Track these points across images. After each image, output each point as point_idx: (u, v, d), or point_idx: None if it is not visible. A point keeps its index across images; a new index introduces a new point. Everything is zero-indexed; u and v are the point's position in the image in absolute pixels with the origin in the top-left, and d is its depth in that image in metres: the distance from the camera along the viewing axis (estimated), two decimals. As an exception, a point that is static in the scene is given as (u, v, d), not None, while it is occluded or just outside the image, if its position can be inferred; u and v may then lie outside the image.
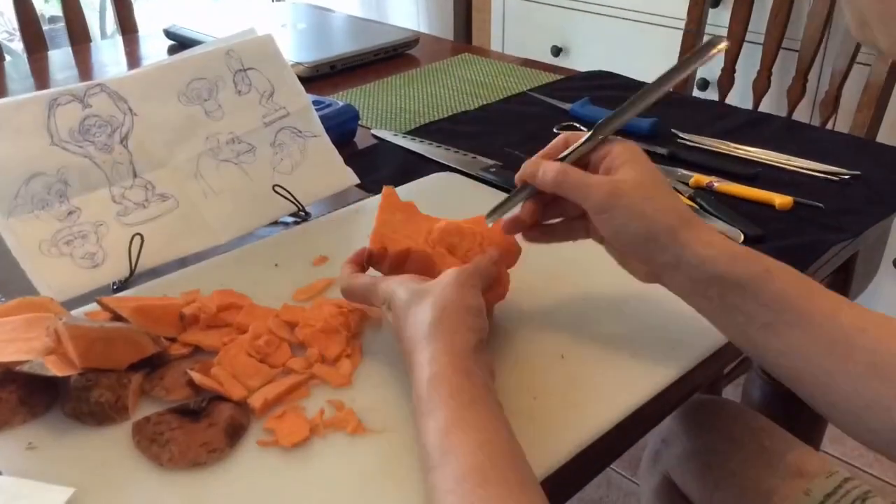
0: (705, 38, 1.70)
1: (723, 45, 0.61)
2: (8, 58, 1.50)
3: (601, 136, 0.61)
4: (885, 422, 0.51)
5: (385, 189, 0.67)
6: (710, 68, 1.77)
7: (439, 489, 0.46)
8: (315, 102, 0.91)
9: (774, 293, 0.55)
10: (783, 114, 1.56)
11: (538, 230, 0.66)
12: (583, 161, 0.62)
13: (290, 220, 0.84)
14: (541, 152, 0.63)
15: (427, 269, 0.62)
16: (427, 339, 0.53)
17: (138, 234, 0.72)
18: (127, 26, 1.64)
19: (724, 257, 0.56)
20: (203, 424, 0.54)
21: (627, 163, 0.59)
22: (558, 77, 1.30)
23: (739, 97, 1.65)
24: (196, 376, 0.57)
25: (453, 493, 0.45)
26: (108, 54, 1.55)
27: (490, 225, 0.64)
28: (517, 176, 0.63)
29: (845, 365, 0.52)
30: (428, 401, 0.50)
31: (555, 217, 0.65)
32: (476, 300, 0.57)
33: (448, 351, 0.52)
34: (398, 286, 0.58)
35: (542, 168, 0.61)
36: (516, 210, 0.64)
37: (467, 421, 0.49)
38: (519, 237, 0.66)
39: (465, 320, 0.54)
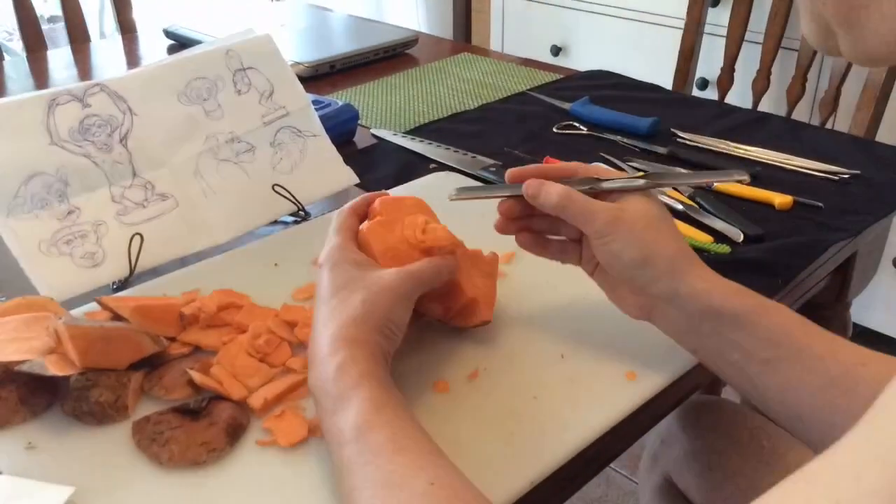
0: (704, 38, 1.70)
1: (745, 178, 0.63)
2: (7, 57, 1.50)
3: (619, 185, 0.60)
4: None
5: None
6: (710, 67, 1.77)
7: (357, 462, 0.46)
8: (315, 102, 0.91)
9: (771, 328, 0.54)
10: (783, 113, 1.56)
11: (531, 238, 0.64)
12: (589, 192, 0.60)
13: (290, 219, 0.84)
14: (542, 168, 0.62)
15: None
16: (342, 332, 0.53)
17: (138, 233, 0.72)
18: (126, 26, 1.64)
19: (719, 290, 0.56)
20: (203, 424, 0.54)
21: (636, 195, 0.59)
22: (558, 76, 1.30)
23: (739, 97, 1.65)
24: (196, 376, 0.57)
25: (371, 463, 0.46)
26: (108, 54, 1.55)
27: (450, 200, 0.62)
28: (510, 175, 0.62)
29: (848, 400, 0.51)
30: (336, 384, 0.50)
31: (550, 233, 0.64)
32: (404, 315, 0.56)
33: (361, 346, 0.52)
34: (338, 263, 0.57)
35: (546, 189, 0.59)
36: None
37: (378, 400, 0.49)
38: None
39: (384, 329, 0.54)
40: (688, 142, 1.03)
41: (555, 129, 1.07)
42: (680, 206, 0.85)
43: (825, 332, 0.55)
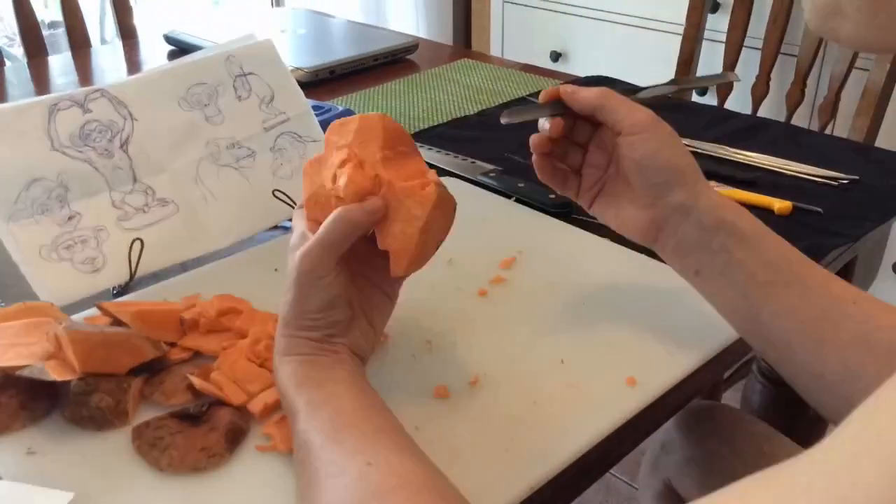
0: (704, 44, 1.70)
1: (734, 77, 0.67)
2: (8, 63, 1.50)
3: (652, 93, 0.64)
4: (866, 394, 0.51)
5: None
6: (709, 73, 1.77)
7: (304, 461, 0.47)
8: (315, 107, 0.92)
9: (776, 252, 0.57)
10: (782, 119, 1.57)
11: (549, 164, 0.65)
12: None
13: (290, 224, 0.84)
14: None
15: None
16: (277, 345, 0.55)
17: (138, 238, 0.73)
18: (127, 32, 1.65)
19: (731, 208, 0.58)
20: (203, 429, 0.54)
21: (649, 117, 0.61)
22: (558, 82, 1.30)
23: (738, 102, 1.65)
24: (196, 381, 0.57)
25: (318, 459, 0.47)
26: (108, 59, 1.55)
27: (504, 122, 0.61)
28: (545, 92, 0.63)
29: (836, 332, 0.53)
30: (286, 399, 0.52)
31: (571, 158, 0.66)
32: (322, 298, 0.51)
33: (291, 350, 0.53)
34: (291, 251, 0.55)
35: (584, 90, 0.61)
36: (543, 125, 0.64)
37: (315, 402, 0.50)
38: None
39: (304, 324, 0.53)
40: (687, 147, 1.03)
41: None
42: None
43: (820, 267, 0.57)
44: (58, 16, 1.63)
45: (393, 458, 0.46)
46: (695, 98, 1.82)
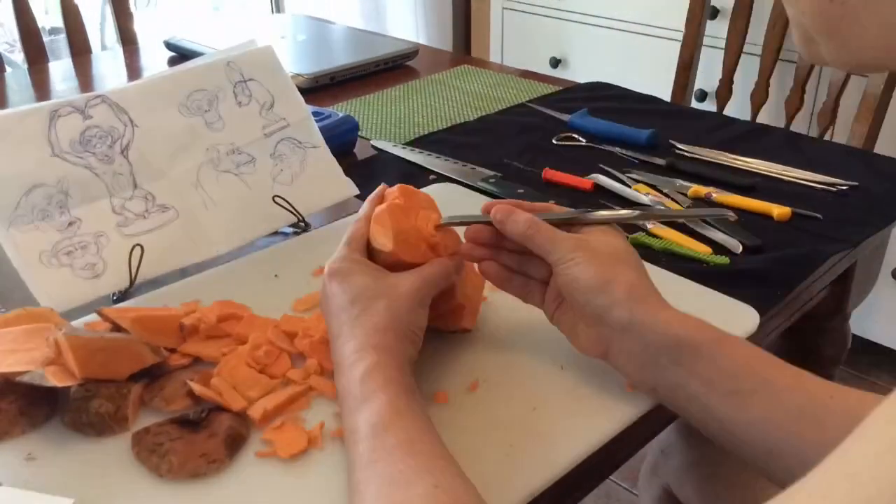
0: (703, 50, 1.71)
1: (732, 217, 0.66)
2: (9, 69, 1.51)
3: (590, 219, 0.61)
4: None
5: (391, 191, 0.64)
6: (709, 79, 1.77)
7: (368, 458, 0.47)
8: (315, 113, 0.92)
9: (733, 359, 0.54)
10: (781, 125, 1.57)
11: (496, 269, 0.63)
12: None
13: (290, 230, 0.84)
14: (518, 202, 0.62)
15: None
16: (369, 340, 0.54)
17: (138, 244, 0.73)
18: (127, 38, 1.65)
19: (678, 321, 0.55)
20: (203, 435, 0.54)
21: (605, 231, 0.60)
22: (557, 88, 1.30)
23: (738, 108, 1.65)
24: (196, 387, 0.57)
25: (382, 461, 0.47)
26: (109, 66, 1.56)
27: (435, 229, 0.62)
28: (484, 206, 0.62)
29: (818, 433, 0.50)
30: (362, 386, 0.51)
31: (517, 269, 0.63)
32: (424, 319, 0.58)
33: (387, 353, 0.53)
34: (353, 270, 0.58)
35: (514, 217, 0.59)
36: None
37: (399, 406, 0.50)
38: None
39: (409, 335, 0.56)
40: (686, 153, 1.03)
41: (554, 141, 1.08)
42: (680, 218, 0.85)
43: (788, 365, 0.54)
44: (58, 22, 1.64)
45: (460, 491, 0.46)
46: (694, 104, 1.83)
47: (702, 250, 0.80)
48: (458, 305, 0.63)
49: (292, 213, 0.82)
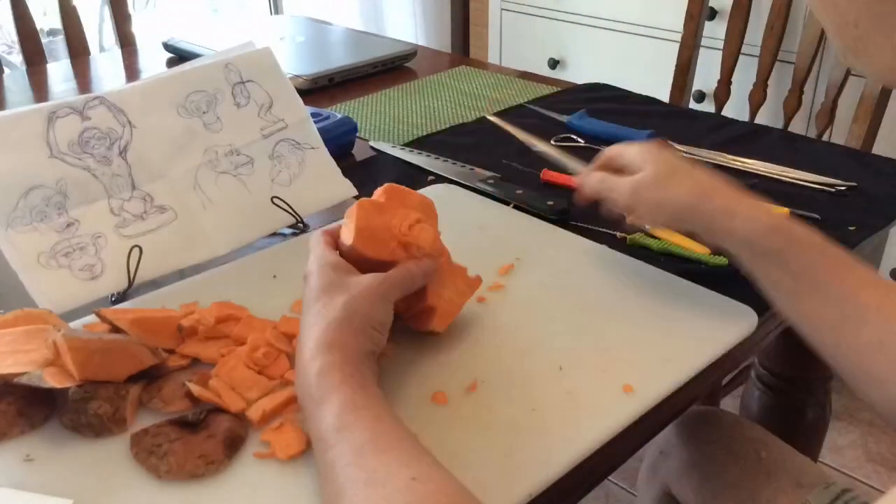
0: (701, 51, 1.71)
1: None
2: (7, 70, 1.51)
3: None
4: (882, 393, 0.56)
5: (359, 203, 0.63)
6: (707, 80, 1.78)
7: (339, 464, 0.47)
8: (313, 115, 0.92)
9: (800, 264, 0.61)
10: (779, 125, 1.57)
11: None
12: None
13: (289, 231, 0.84)
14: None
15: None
16: (324, 337, 0.54)
17: (137, 245, 0.73)
18: (126, 39, 1.65)
19: (749, 227, 0.63)
20: (201, 436, 0.54)
21: (647, 163, 0.68)
22: (555, 89, 1.30)
23: (736, 109, 1.65)
24: (194, 388, 0.57)
25: (354, 464, 0.46)
26: (107, 67, 1.56)
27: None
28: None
29: (854, 337, 0.57)
30: (318, 388, 0.51)
31: None
32: (385, 316, 0.57)
33: (341, 349, 0.53)
34: (320, 268, 0.58)
35: (586, 179, 0.72)
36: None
37: (357, 402, 0.50)
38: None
39: (366, 330, 0.56)
40: (685, 154, 1.03)
41: (552, 142, 1.08)
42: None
43: (857, 271, 0.60)
44: (57, 23, 1.63)
45: (438, 479, 0.46)
46: (692, 105, 1.83)
47: (700, 251, 0.80)
48: (427, 307, 0.63)
49: (291, 214, 0.82)
